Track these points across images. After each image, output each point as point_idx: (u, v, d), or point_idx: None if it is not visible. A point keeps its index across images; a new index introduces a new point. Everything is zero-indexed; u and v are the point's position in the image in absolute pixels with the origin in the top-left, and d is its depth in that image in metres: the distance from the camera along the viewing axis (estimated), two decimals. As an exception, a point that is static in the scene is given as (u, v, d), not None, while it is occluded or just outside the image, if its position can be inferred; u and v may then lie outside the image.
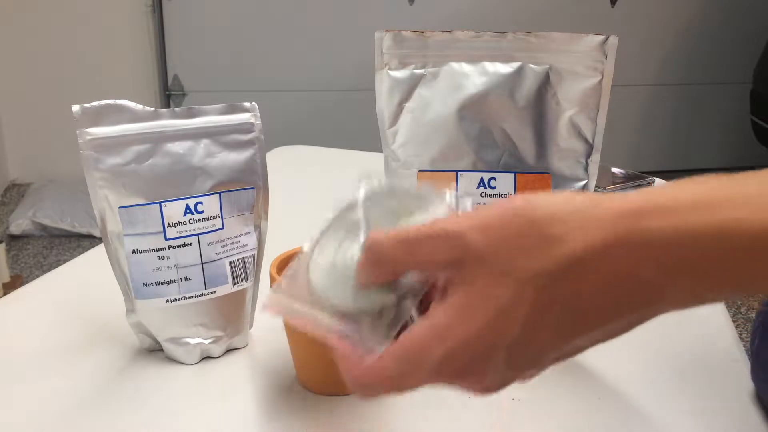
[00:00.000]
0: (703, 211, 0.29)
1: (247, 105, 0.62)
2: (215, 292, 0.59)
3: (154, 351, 0.62)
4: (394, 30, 0.59)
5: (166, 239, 0.57)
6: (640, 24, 3.23)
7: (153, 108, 0.58)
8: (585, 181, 0.59)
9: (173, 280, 0.58)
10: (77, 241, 2.58)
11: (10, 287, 2.04)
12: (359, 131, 2.51)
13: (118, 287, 0.60)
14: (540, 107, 0.58)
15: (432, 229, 0.33)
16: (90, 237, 2.60)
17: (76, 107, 0.56)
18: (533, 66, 0.58)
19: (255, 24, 3.00)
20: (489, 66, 0.58)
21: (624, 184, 1.06)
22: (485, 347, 0.32)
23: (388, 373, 0.34)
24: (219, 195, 0.60)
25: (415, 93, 0.59)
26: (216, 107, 0.60)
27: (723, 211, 0.29)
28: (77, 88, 2.97)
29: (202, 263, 0.59)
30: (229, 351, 0.62)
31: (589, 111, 0.58)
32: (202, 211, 0.59)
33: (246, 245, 0.61)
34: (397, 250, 0.34)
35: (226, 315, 0.60)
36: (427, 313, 0.33)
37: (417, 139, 0.59)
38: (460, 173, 0.58)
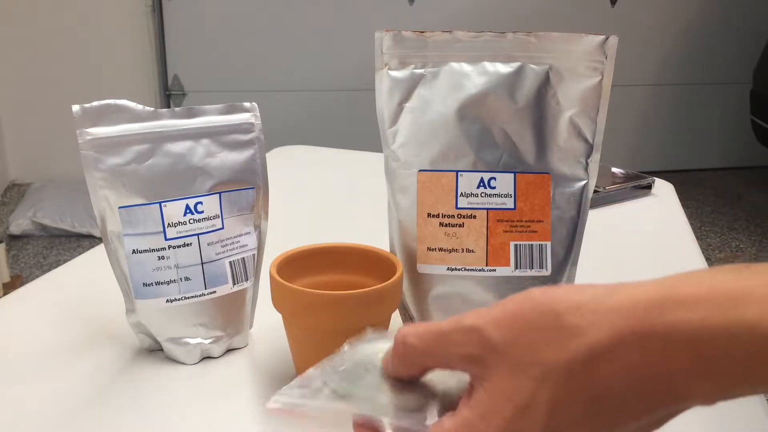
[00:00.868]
0: (728, 307, 0.28)
1: (247, 105, 0.62)
2: (215, 292, 0.59)
3: (154, 351, 0.62)
4: (394, 30, 0.59)
5: (166, 239, 0.57)
6: (640, 24, 3.23)
7: (153, 108, 0.58)
8: (585, 181, 0.59)
9: (173, 280, 0.58)
10: (77, 241, 2.58)
11: (10, 287, 2.04)
12: (359, 131, 2.51)
13: (118, 287, 0.60)
14: (540, 107, 0.58)
15: (455, 324, 0.33)
16: (90, 237, 2.60)
17: (76, 107, 0.56)
18: (533, 66, 0.58)
19: (255, 24, 3.00)
20: (489, 66, 0.58)
21: (624, 184, 1.06)
22: None
23: None
24: (219, 195, 0.60)
25: (415, 93, 0.59)
26: (216, 107, 0.60)
27: (748, 308, 0.28)
28: (77, 88, 2.97)
29: (202, 263, 0.59)
30: (229, 351, 0.62)
31: (589, 111, 0.58)
32: (202, 211, 0.59)
33: (246, 245, 0.61)
34: (425, 342, 0.34)
35: (226, 315, 0.60)
36: (456, 410, 0.33)
37: (417, 139, 0.59)
38: (460, 173, 0.58)
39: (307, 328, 0.54)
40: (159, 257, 0.57)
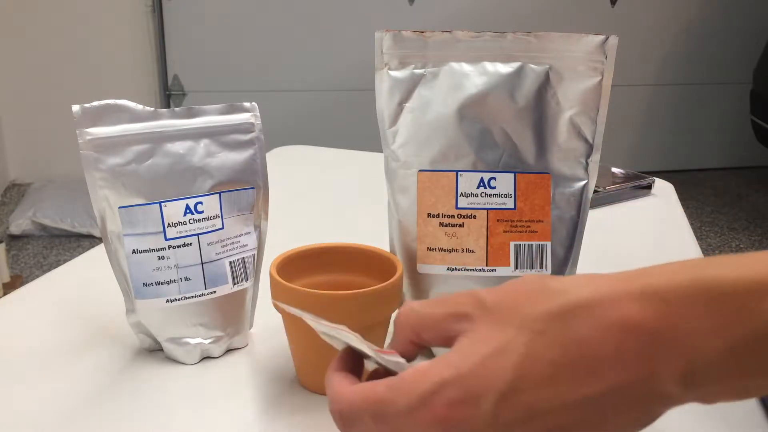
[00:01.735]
0: (693, 270, 0.31)
1: (247, 105, 0.62)
2: (215, 292, 0.59)
3: (154, 351, 0.62)
4: (394, 30, 0.59)
5: (166, 239, 0.57)
6: (640, 24, 3.23)
7: (153, 108, 0.58)
8: (585, 181, 0.59)
9: (173, 280, 0.58)
10: (77, 241, 2.59)
11: (10, 287, 2.04)
12: (359, 131, 2.51)
13: (118, 287, 0.60)
14: (540, 107, 0.58)
15: (455, 294, 0.36)
16: (90, 237, 2.60)
17: (76, 107, 0.56)
18: (533, 66, 0.58)
19: (255, 24, 3.00)
20: (489, 66, 0.58)
21: (624, 184, 1.06)
22: (477, 386, 0.31)
23: (374, 393, 0.33)
24: (219, 195, 0.60)
25: (415, 93, 0.59)
26: (216, 107, 0.60)
27: (709, 269, 0.31)
28: (77, 88, 2.97)
29: (202, 263, 0.59)
30: (229, 351, 0.62)
31: (589, 111, 0.58)
32: (202, 211, 0.59)
33: (246, 245, 0.61)
34: (426, 307, 0.36)
35: (226, 315, 0.60)
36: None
37: (417, 139, 0.59)
38: (460, 173, 0.58)
39: (307, 328, 0.54)
40: (159, 257, 0.57)
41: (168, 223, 0.57)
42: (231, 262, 0.60)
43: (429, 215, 0.59)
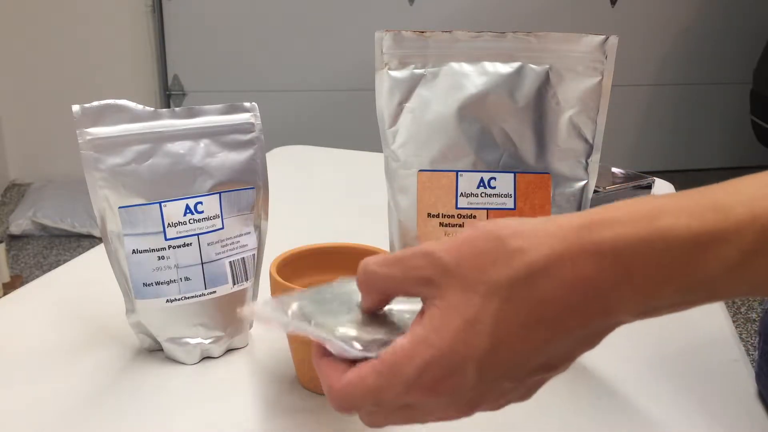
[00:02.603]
0: (645, 221, 0.33)
1: (247, 105, 0.62)
2: (215, 292, 0.59)
3: (154, 351, 0.62)
4: (394, 30, 0.59)
5: (166, 239, 0.57)
6: (640, 24, 3.23)
7: (153, 108, 0.58)
8: (585, 181, 0.59)
9: (173, 280, 0.58)
10: (77, 241, 2.58)
11: (10, 287, 2.04)
12: (359, 131, 2.50)
13: (118, 287, 0.60)
14: (540, 107, 0.58)
15: (412, 250, 0.36)
16: (90, 237, 2.60)
17: (76, 107, 0.56)
18: (533, 66, 0.58)
19: (255, 24, 3.00)
20: (489, 66, 0.58)
21: (624, 184, 1.06)
22: (458, 359, 0.34)
23: (366, 385, 0.35)
24: (219, 195, 0.60)
25: (415, 93, 0.59)
26: (216, 107, 0.60)
27: (661, 219, 0.32)
28: (77, 88, 2.97)
29: (202, 263, 0.59)
30: (229, 351, 0.62)
31: (589, 111, 0.58)
32: (202, 211, 0.59)
33: (246, 245, 0.61)
34: (385, 267, 0.37)
35: (226, 315, 0.60)
36: (409, 331, 0.35)
37: (417, 139, 0.59)
38: (460, 173, 0.58)
39: (307, 328, 0.54)
40: (159, 257, 0.57)
41: (168, 223, 0.57)
42: (231, 262, 0.60)
43: (429, 215, 0.59)
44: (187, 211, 0.58)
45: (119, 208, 0.57)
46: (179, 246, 0.58)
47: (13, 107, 3.01)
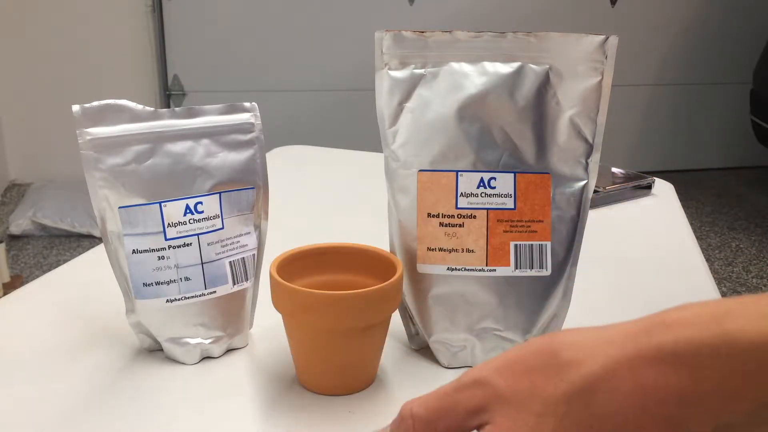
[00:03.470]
0: (712, 323, 0.29)
1: (247, 105, 0.62)
2: (215, 292, 0.59)
3: (154, 351, 0.62)
4: (394, 30, 0.59)
5: (166, 239, 0.57)
6: (640, 24, 3.23)
7: (153, 108, 0.58)
8: (585, 181, 0.59)
9: (173, 280, 0.58)
10: (77, 241, 2.59)
11: (10, 287, 2.04)
12: (359, 131, 2.51)
13: (118, 287, 0.60)
14: (540, 107, 0.58)
15: (457, 383, 0.34)
16: (90, 237, 2.60)
17: (76, 107, 0.56)
18: (533, 66, 0.58)
19: (255, 24, 3.00)
20: (489, 66, 0.58)
21: (624, 184, 1.06)
22: None
23: None
24: (219, 195, 0.60)
25: (415, 93, 0.59)
26: (216, 107, 0.60)
27: (729, 321, 0.29)
28: (77, 88, 2.97)
29: (202, 263, 0.59)
30: (229, 351, 0.62)
31: (589, 111, 0.58)
32: (202, 211, 0.59)
33: (246, 245, 0.61)
34: (431, 408, 0.34)
35: (226, 315, 0.60)
36: None
37: (417, 139, 0.59)
38: (460, 173, 0.58)
39: (307, 328, 0.55)
40: (159, 257, 0.57)
41: (168, 223, 0.57)
42: (231, 262, 0.60)
43: (429, 215, 0.59)
44: (187, 211, 0.58)
45: (119, 208, 0.57)
46: (179, 246, 0.58)
47: (13, 107, 3.01)
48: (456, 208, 0.58)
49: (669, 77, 3.40)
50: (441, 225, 0.58)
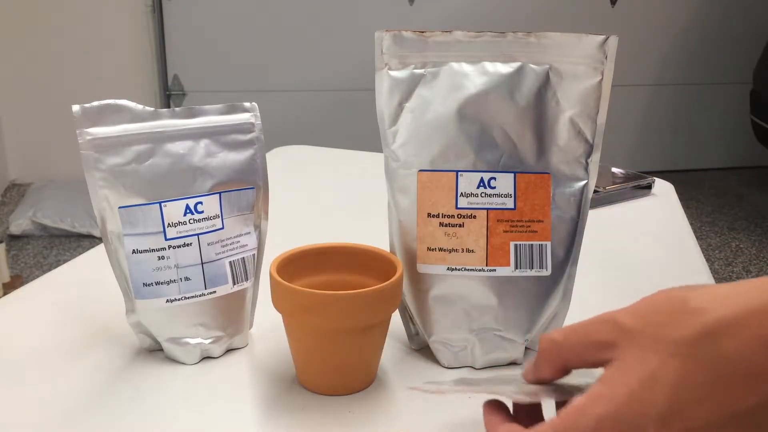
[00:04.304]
0: None
1: (247, 105, 0.62)
2: (215, 292, 0.59)
3: (154, 351, 0.62)
4: (394, 30, 0.59)
5: (166, 239, 0.57)
6: (640, 24, 3.23)
7: (153, 108, 0.58)
8: (585, 181, 0.59)
9: (173, 280, 0.58)
10: (77, 241, 2.59)
11: (10, 287, 2.04)
12: (359, 131, 2.51)
13: (118, 287, 0.60)
14: (540, 107, 0.58)
15: (592, 319, 0.36)
16: (90, 237, 2.60)
17: (76, 107, 0.56)
18: (533, 66, 0.58)
19: (255, 24, 3.00)
20: (489, 66, 0.58)
21: (624, 184, 1.06)
22: (633, 416, 0.33)
23: None
24: (219, 195, 0.60)
25: (415, 93, 0.59)
26: (216, 107, 0.60)
27: None
28: (77, 88, 2.97)
29: (202, 263, 0.59)
30: (229, 351, 0.62)
31: (589, 111, 0.58)
32: (202, 211, 0.59)
33: (246, 245, 0.61)
34: (566, 336, 0.37)
35: (226, 315, 0.60)
36: (587, 392, 0.35)
37: (417, 139, 0.59)
38: (460, 173, 0.58)
39: (307, 328, 0.55)
40: (159, 257, 0.57)
41: (168, 223, 0.57)
42: (231, 262, 0.60)
43: (429, 215, 0.59)
44: (187, 211, 0.58)
45: (119, 208, 0.57)
46: (179, 246, 0.58)
47: (13, 107, 3.01)
48: (456, 208, 0.58)
49: (669, 77, 3.40)
50: (441, 225, 0.58)
